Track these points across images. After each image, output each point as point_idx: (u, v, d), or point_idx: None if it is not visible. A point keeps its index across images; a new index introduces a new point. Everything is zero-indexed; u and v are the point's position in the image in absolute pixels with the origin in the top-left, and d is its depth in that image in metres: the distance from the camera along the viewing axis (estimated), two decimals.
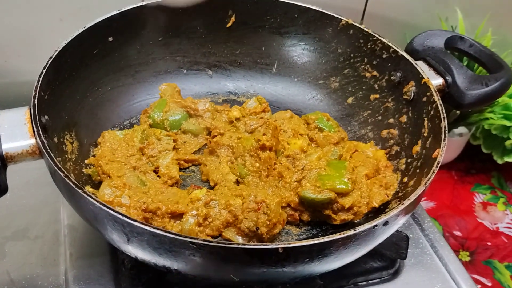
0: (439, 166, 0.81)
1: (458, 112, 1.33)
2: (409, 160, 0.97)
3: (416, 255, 1.00)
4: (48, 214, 1.00)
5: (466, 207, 1.42)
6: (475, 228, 1.37)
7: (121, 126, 1.07)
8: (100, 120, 1.03)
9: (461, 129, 1.42)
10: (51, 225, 0.98)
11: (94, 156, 0.98)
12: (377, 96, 1.09)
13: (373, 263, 0.96)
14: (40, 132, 0.77)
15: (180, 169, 1.01)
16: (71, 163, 0.91)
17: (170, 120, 1.05)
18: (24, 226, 0.97)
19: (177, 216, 0.88)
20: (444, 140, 0.85)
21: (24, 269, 0.91)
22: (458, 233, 1.35)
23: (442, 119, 0.89)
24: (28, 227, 0.97)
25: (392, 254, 0.95)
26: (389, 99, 1.07)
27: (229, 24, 1.15)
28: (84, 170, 0.94)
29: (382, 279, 0.96)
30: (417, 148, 0.96)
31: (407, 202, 0.75)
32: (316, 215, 0.94)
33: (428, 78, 0.97)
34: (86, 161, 0.96)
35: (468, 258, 1.29)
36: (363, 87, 1.12)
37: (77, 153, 0.94)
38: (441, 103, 0.92)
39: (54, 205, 1.01)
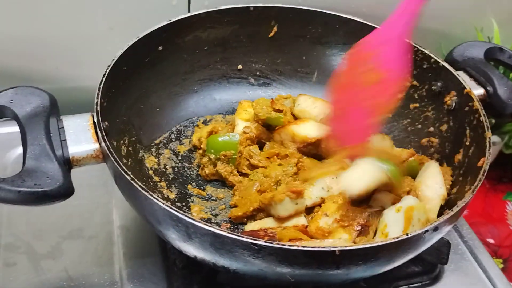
0: (485, 174, 0.84)
1: (493, 121, 1.35)
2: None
3: (455, 260, 1.02)
4: (100, 215, 1.04)
5: (499, 215, 1.43)
6: (507, 236, 1.38)
7: (170, 132, 1.11)
8: (150, 126, 1.07)
9: (494, 138, 1.43)
10: (104, 226, 1.02)
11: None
12: (417, 105, 1.12)
13: (414, 268, 0.98)
14: (105, 137, 0.81)
15: None
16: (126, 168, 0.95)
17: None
18: (78, 226, 1.01)
19: None
20: (489, 149, 0.88)
21: (80, 267, 0.95)
22: (491, 241, 1.36)
23: (486, 128, 0.91)
24: (82, 227, 1.01)
25: (433, 259, 0.97)
26: (429, 108, 1.09)
27: (271, 34, 1.18)
28: None
29: (423, 283, 0.98)
30: (459, 157, 0.98)
31: (456, 209, 0.77)
32: None
33: (470, 88, 0.99)
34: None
35: (501, 266, 1.31)
36: (403, 96, 1.14)
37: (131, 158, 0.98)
38: (484, 113, 0.94)
39: (106, 207, 1.05)
